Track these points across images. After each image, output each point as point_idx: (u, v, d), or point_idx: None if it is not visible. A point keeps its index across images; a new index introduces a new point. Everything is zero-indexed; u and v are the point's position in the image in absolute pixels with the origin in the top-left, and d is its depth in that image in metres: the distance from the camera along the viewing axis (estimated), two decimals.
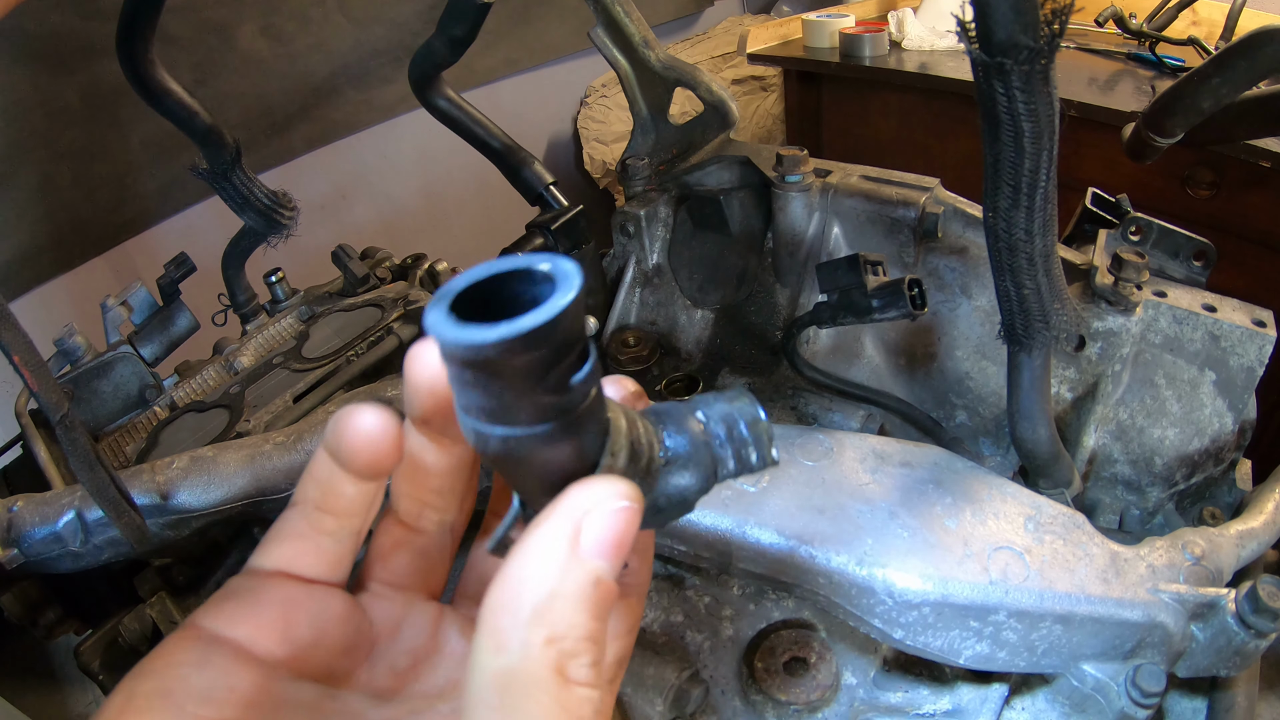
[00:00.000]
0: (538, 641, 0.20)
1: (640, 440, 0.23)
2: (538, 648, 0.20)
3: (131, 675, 0.22)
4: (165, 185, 1.65)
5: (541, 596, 0.20)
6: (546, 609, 0.20)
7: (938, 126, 1.87)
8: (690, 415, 0.24)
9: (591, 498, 0.21)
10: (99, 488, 0.46)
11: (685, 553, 0.54)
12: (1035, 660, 0.48)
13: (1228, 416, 0.66)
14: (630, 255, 0.95)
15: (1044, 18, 0.39)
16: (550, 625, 0.20)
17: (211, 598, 0.25)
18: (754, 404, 0.24)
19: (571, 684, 0.20)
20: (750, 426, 0.24)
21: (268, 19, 1.74)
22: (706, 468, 0.24)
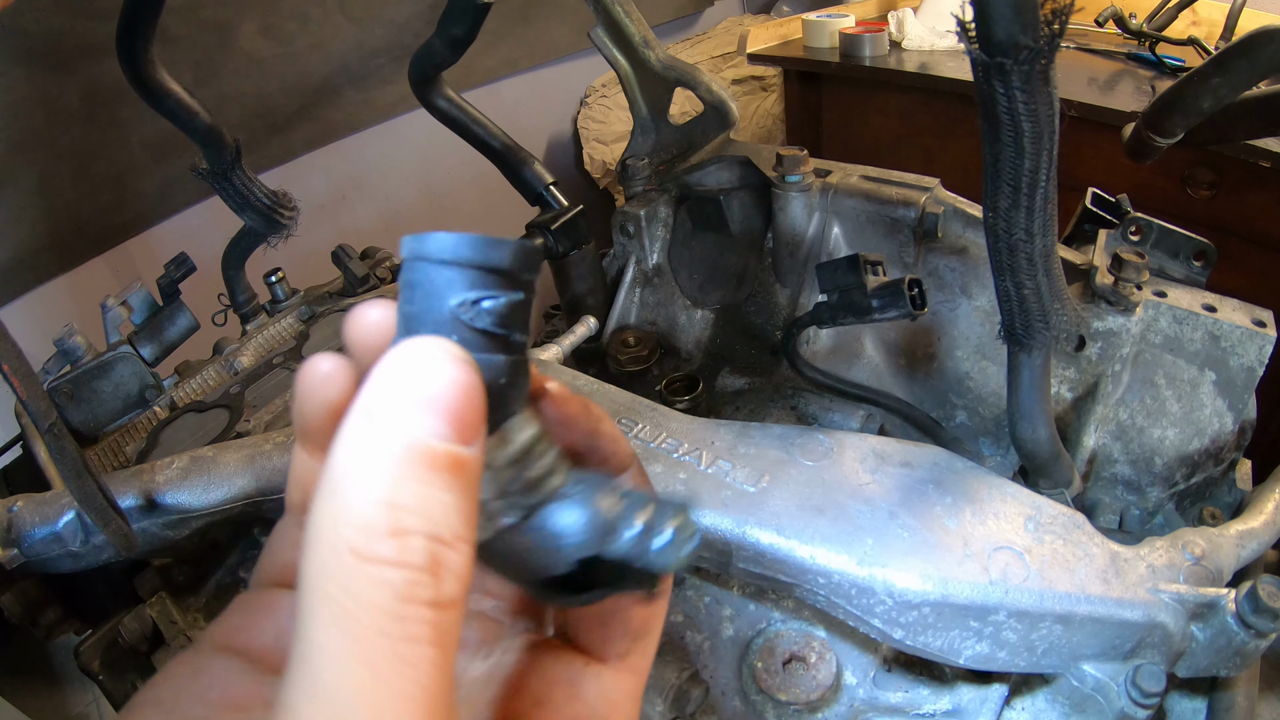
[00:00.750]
0: (325, 520, 0.17)
1: (543, 452, 0.22)
2: (327, 526, 0.17)
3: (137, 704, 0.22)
4: (165, 185, 1.65)
5: (334, 474, 0.18)
6: (336, 485, 0.18)
7: (938, 126, 1.87)
8: (610, 480, 0.23)
9: (392, 358, 0.19)
10: (87, 496, 0.46)
11: None
12: (1035, 660, 0.48)
13: (1228, 416, 0.66)
14: (630, 255, 0.95)
15: (1044, 18, 0.39)
16: (338, 503, 0.17)
17: (220, 615, 0.25)
18: (688, 512, 0.22)
19: (366, 561, 0.17)
20: (674, 520, 0.22)
21: (268, 19, 1.73)
22: (600, 521, 0.21)
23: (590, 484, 0.22)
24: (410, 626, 0.17)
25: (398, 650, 0.17)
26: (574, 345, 0.80)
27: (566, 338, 0.80)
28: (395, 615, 0.17)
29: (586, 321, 0.83)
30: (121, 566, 0.68)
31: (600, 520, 0.21)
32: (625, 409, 0.61)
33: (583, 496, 0.22)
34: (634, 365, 0.90)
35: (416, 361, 0.19)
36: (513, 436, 0.21)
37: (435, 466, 0.18)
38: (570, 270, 0.93)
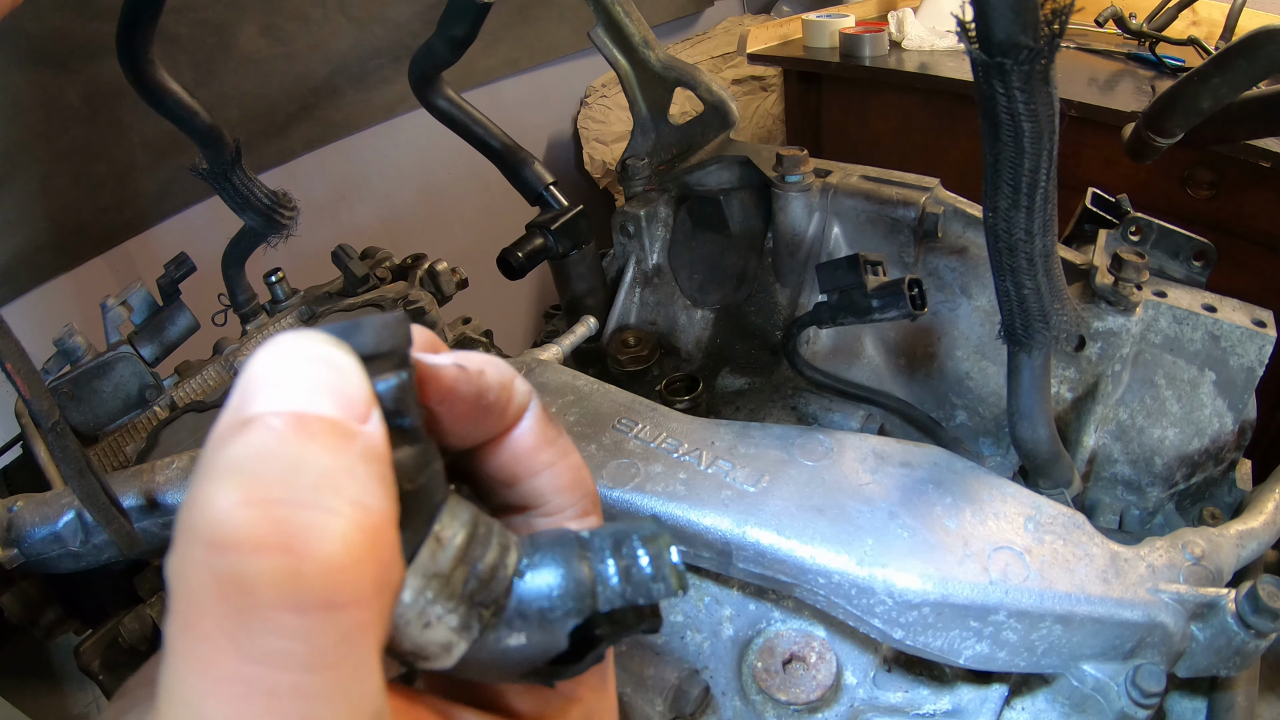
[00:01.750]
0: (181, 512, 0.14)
1: (486, 542, 0.19)
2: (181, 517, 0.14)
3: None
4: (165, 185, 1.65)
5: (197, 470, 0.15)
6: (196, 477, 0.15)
7: (938, 126, 1.87)
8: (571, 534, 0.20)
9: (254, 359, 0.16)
10: (89, 495, 0.46)
11: (685, 553, 0.54)
12: (1035, 660, 0.48)
13: (1228, 416, 0.66)
14: (630, 255, 0.95)
15: (1044, 18, 0.39)
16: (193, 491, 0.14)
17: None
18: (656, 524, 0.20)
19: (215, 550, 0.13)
20: (646, 544, 0.19)
21: (268, 19, 1.73)
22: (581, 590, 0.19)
23: (547, 547, 0.20)
24: (266, 642, 0.12)
25: (251, 680, 0.12)
26: (574, 345, 0.81)
27: (566, 338, 0.80)
28: (250, 626, 0.12)
29: (586, 321, 0.83)
30: (122, 566, 0.68)
31: (578, 583, 0.19)
32: (625, 409, 0.61)
33: (549, 566, 0.19)
34: (634, 365, 0.90)
35: (282, 348, 0.16)
36: (448, 533, 0.18)
37: (308, 433, 0.15)
38: (570, 270, 0.93)
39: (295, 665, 0.13)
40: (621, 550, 0.19)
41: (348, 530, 0.14)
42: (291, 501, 0.13)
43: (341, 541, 0.13)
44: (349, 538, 0.13)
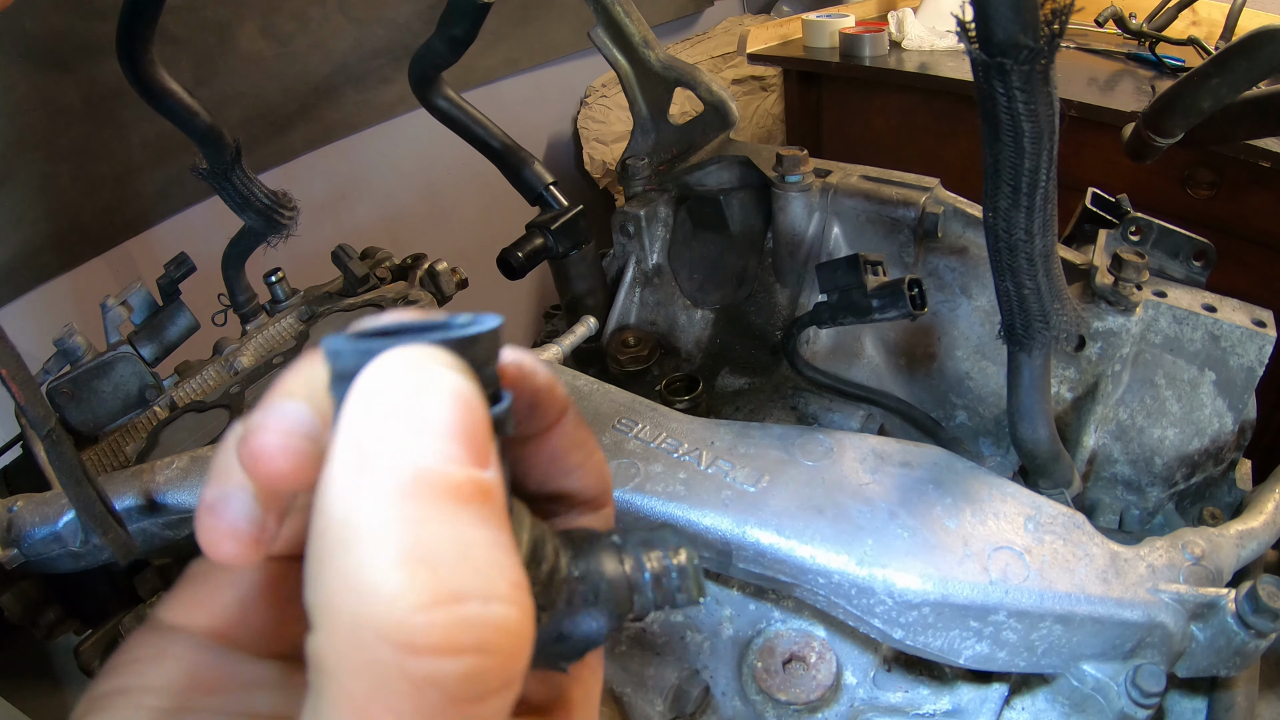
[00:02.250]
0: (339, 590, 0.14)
1: (546, 547, 0.20)
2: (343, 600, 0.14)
3: (96, 678, 0.21)
4: (165, 185, 1.65)
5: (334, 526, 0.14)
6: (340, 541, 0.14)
7: (938, 126, 1.87)
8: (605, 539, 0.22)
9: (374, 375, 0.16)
10: (85, 503, 0.46)
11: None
12: (1035, 660, 0.48)
13: (1228, 416, 0.66)
14: (630, 255, 0.95)
15: (1044, 18, 0.39)
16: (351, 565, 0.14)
17: (172, 588, 0.23)
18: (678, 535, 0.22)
19: (408, 653, 0.13)
20: (672, 555, 0.21)
21: (268, 19, 1.73)
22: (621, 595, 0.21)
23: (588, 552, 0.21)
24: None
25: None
26: (574, 345, 0.81)
27: (566, 338, 0.80)
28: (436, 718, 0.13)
29: (586, 321, 0.83)
30: (122, 566, 0.68)
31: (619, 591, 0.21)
32: (625, 409, 0.61)
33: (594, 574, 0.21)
34: (634, 365, 0.90)
35: (403, 375, 0.16)
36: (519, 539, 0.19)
37: (460, 497, 0.15)
38: (570, 270, 0.93)
39: None
40: (654, 562, 0.21)
41: (520, 620, 0.15)
42: (474, 596, 0.14)
43: (518, 632, 0.15)
44: (521, 626, 0.15)
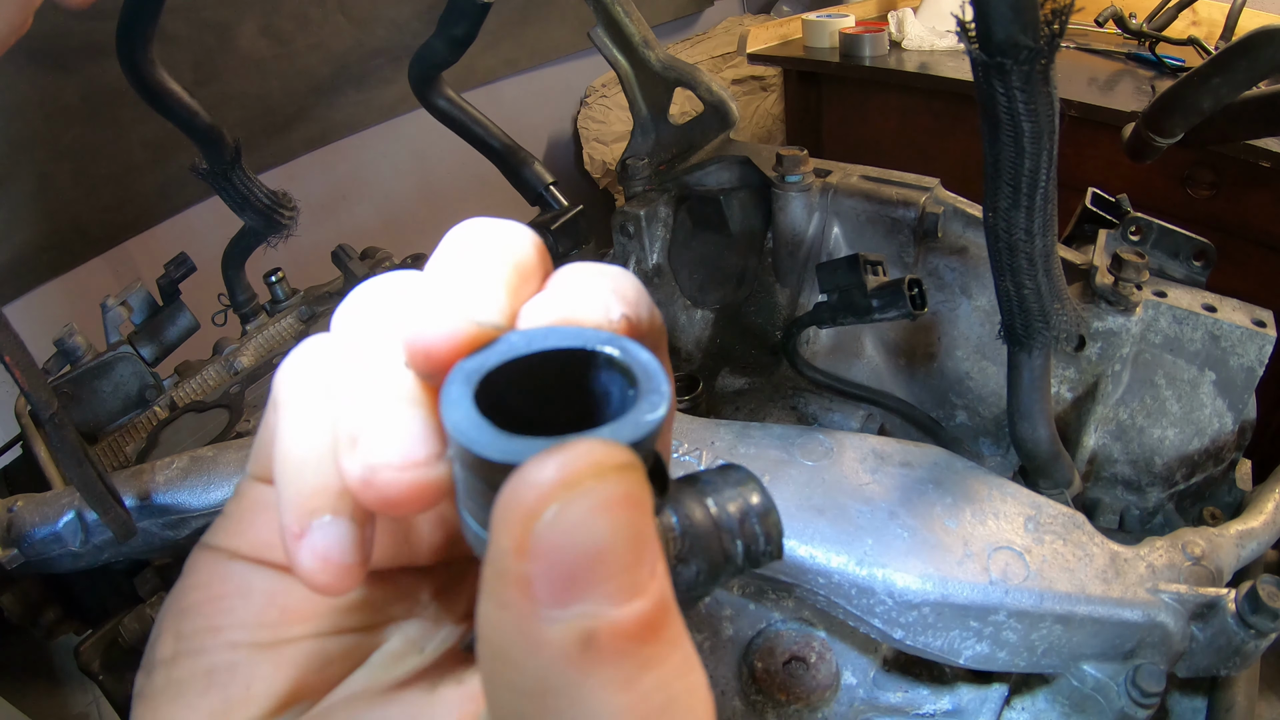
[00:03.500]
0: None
1: (661, 536, 0.20)
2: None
3: (173, 615, 0.20)
4: (165, 185, 1.65)
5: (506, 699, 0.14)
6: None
7: (938, 126, 1.87)
8: (699, 503, 0.21)
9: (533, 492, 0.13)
10: (87, 484, 0.46)
11: None
12: (1035, 660, 0.48)
13: (1228, 416, 0.66)
14: (630, 255, 0.95)
15: (1044, 18, 0.39)
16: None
17: (224, 515, 0.21)
18: (764, 493, 0.21)
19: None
20: (761, 519, 0.21)
21: (268, 19, 1.73)
22: (717, 563, 0.21)
23: (688, 524, 0.21)
24: None
25: None
26: None
27: None
28: None
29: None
30: (121, 566, 0.68)
31: (718, 564, 0.20)
32: None
33: (697, 546, 0.20)
34: None
35: (583, 497, 0.13)
36: (666, 551, 0.18)
37: (655, 638, 0.13)
38: None
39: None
40: (745, 529, 0.21)
41: (713, 709, 0.14)
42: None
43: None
44: (714, 712, 0.14)
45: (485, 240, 0.18)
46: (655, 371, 0.16)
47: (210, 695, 0.19)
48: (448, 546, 0.23)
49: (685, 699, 0.14)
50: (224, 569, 0.20)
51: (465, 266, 0.17)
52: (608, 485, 0.13)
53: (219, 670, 0.19)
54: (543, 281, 0.18)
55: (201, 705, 0.19)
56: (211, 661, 0.19)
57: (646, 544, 0.14)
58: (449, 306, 0.16)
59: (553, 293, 0.18)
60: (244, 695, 0.19)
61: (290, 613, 0.20)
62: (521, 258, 0.18)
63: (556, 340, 0.16)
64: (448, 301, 0.16)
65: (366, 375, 0.16)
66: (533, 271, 0.18)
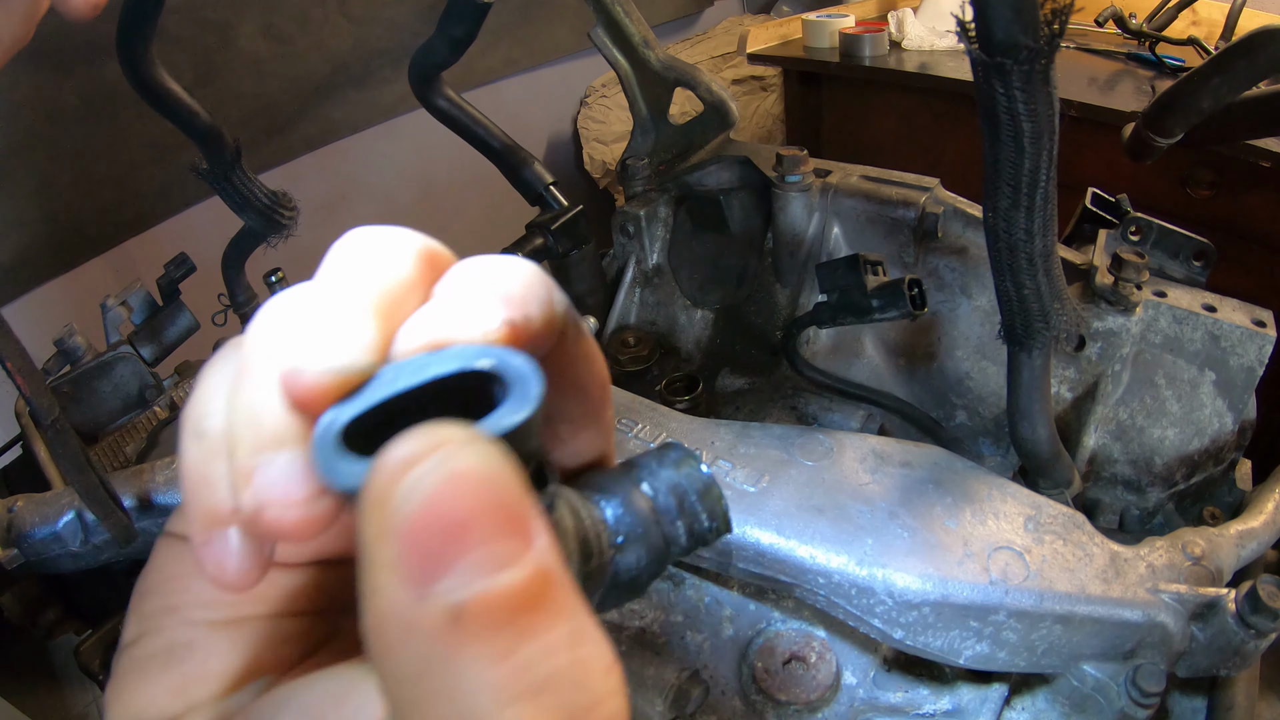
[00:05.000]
0: None
1: (589, 535, 0.20)
2: None
3: (136, 597, 0.21)
4: (165, 185, 1.65)
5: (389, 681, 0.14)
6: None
7: (938, 126, 1.87)
8: (635, 489, 0.21)
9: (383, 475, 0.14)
10: (88, 489, 0.46)
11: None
12: (1035, 660, 0.48)
13: (1228, 416, 0.66)
14: (630, 255, 0.95)
15: (1044, 18, 0.39)
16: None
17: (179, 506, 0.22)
18: (703, 470, 0.21)
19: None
20: (701, 496, 0.21)
21: (268, 19, 1.73)
22: (658, 549, 0.21)
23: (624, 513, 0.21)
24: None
25: None
26: None
27: None
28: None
29: (586, 321, 0.83)
30: (121, 567, 0.68)
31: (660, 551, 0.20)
32: (625, 409, 0.61)
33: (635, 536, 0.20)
34: (634, 365, 0.90)
35: (433, 477, 0.14)
36: (568, 554, 0.18)
37: (533, 604, 0.14)
38: (570, 270, 0.93)
39: None
40: (685, 509, 0.21)
41: (623, 704, 0.14)
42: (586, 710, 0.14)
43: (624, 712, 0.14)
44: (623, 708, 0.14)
45: (356, 264, 0.17)
46: (525, 375, 0.16)
47: (170, 672, 0.19)
48: None
49: (573, 671, 0.13)
50: (180, 550, 0.21)
51: (332, 302, 0.17)
52: (452, 457, 0.14)
53: (177, 648, 0.19)
54: (427, 291, 0.18)
55: (162, 682, 0.19)
56: (170, 639, 0.20)
57: (514, 514, 0.14)
58: (312, 356, 0.16)
59: (427, 312, 0.17)
60: (201, 671, 0.19)
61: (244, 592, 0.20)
62: (393, 278, 0.17)
63: (429, 370, 0.16)
64: (312, 350, 0.16)
65: (257, 406, 0.17)
66: (409, 289, 0.18)
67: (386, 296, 0.17)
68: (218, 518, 0.17)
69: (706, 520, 0.21)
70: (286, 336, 0.17)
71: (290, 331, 0.17)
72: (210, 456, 0.18)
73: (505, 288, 0.18)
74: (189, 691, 0.19)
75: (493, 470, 0.14)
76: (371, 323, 0.17)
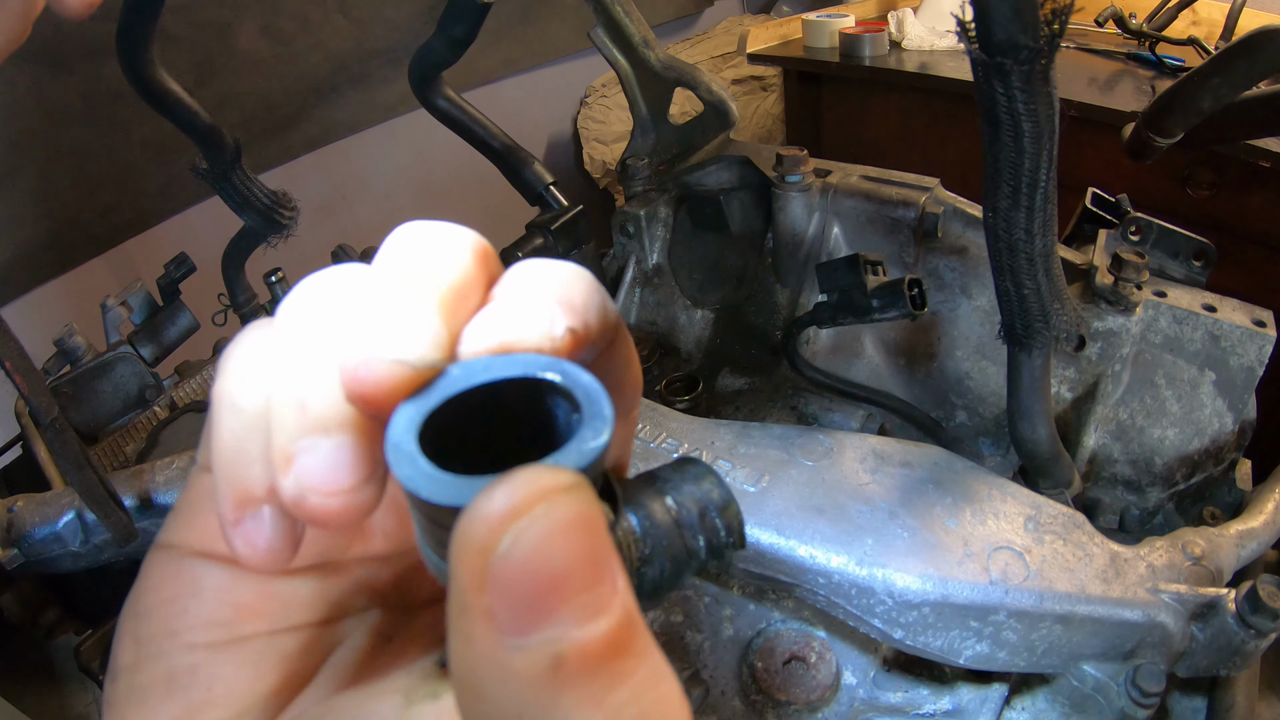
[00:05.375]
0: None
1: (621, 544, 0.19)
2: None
3: (130, 618, 0.20)
4: (165, 185, 1.65)
5: None
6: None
7: (938, 126, 1.87)
8: (659, 501, 0.21)
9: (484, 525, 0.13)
10: (87, 488, 0.46)
11: None
12: (1035, 660, 0.48)
13: (1228, 416, 0.66)
14: (630, 255, 0.95)
15: (1044, 18, 0.39)
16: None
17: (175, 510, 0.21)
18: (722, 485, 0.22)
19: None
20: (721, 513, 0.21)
21: (268, 19, 1.73)
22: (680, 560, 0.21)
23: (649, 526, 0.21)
24: None
25: None
26: None
27: None
28: None
29: None
30: (121, 567, 0.68)
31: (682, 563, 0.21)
32: None
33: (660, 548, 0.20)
34: None
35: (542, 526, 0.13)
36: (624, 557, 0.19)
37: (622, 652, 0.14)
38: None
39: None
40: (705, 524, 0.21)
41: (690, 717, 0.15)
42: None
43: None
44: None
45: (421, 258, 0.17)
46: (597, 395, 0.16)
47: (173, 700, 0.19)
48: (402, 532, 0.23)
49: (658, 709, 0.14)
50: (175, 567, 0.20)
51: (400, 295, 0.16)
52: (557, 509, 0.14)
53: (179, 674, 0.19)
54: (486, 291, 0.18)
55: (164, 711, 0.19)
56: (171, 665, 0.19)
57: (604, 561, 0.14)
58: (384, 349, 0.16)
59: (492, 314, 0.17)
60: (206, 698, 0.19)
61: (243, 610, 0.20)
62: (458, 276, 0.17)
63: (496, 372, 0.16)
64: (383, 342, 0.16)
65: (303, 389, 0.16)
66: (471, 287, 0.18)
67: (452, 293, 0.17)
68: (251, 497, 0.17)
69: (725, 535, 0.21)
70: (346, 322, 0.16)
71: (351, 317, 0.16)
72: (247, 433, 0.17)
73: (567, 295, 0.18)
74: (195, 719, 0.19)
75: (588, 517, 0.14)
76: (439, 319, 0.16)
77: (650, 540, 0.20)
